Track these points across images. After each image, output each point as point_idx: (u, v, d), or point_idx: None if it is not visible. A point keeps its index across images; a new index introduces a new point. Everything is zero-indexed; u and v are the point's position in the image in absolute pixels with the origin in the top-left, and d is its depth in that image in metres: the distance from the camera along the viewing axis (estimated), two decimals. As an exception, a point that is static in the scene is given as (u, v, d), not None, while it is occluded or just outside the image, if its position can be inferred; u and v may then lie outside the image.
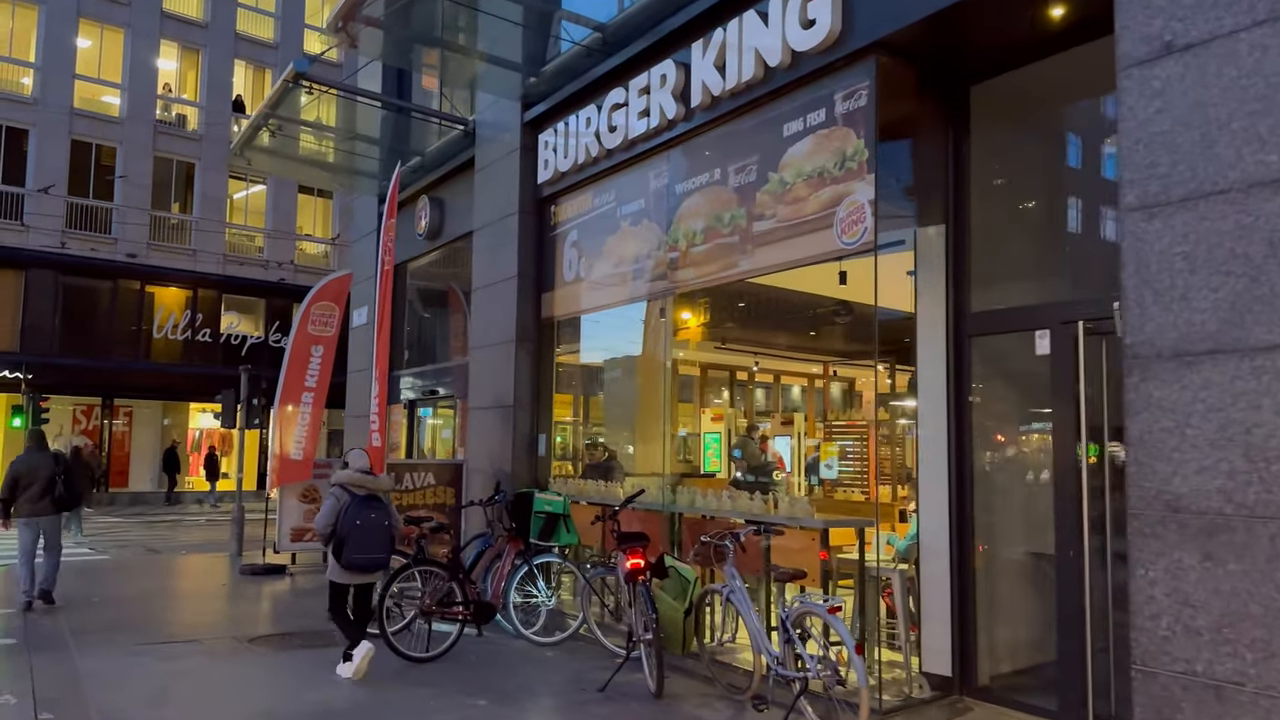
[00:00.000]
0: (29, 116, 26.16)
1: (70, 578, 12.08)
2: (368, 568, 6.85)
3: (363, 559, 6.77)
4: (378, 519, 6.82)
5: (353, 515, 6.75)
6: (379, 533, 6.80)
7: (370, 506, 6.83)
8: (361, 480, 6.94)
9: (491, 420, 10.06)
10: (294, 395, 13.14)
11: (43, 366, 25.16)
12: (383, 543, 6.84)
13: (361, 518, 6.77)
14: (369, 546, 6.77)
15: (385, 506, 6.97)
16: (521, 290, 9.80)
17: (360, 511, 6.78)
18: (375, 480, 7.05)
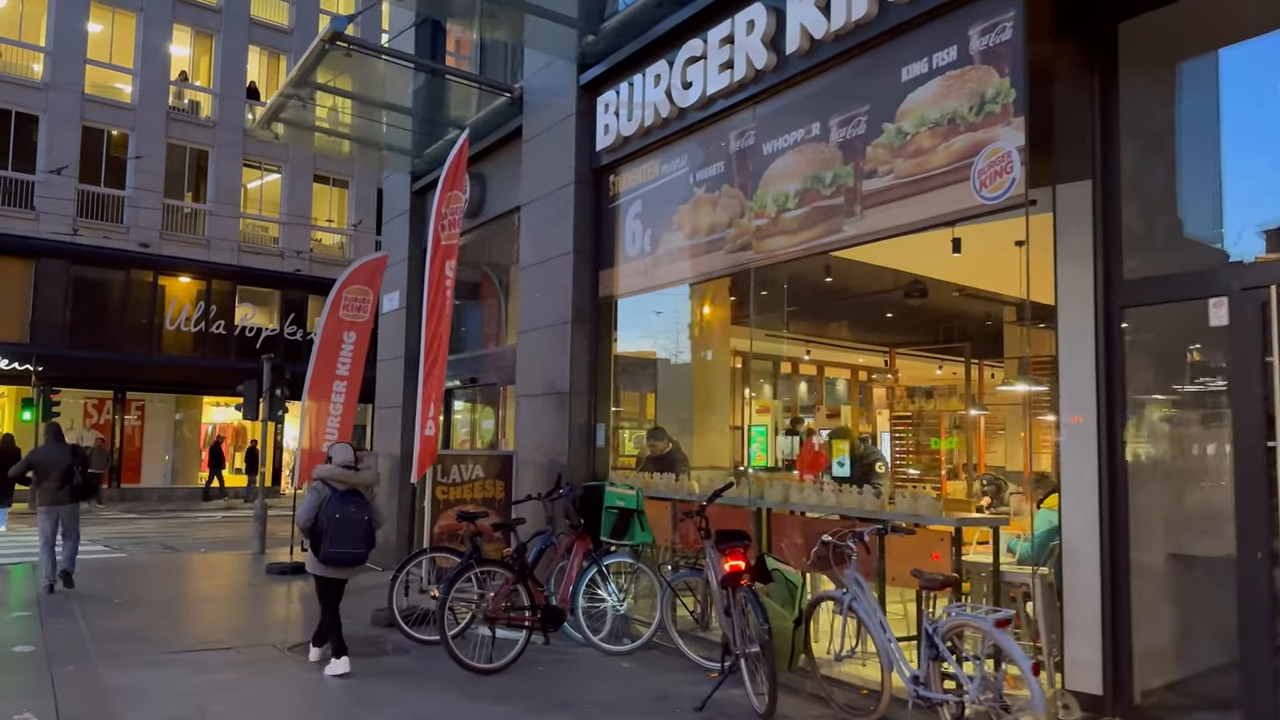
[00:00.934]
0: (39, 102, 25.45)
1: (88, 577, 11.34)
2: (345, 562, 6.78)
3: (340, 553, 6.69)
4: (356, 514, 6.73)
5: (331, 510, 6.67)
6: (357, 527, 6.71)
7: (349, 501, 6.73)
8: (342, 475, 6.81)
9: (543, 409, 9.29)
10: (324, 385, 12.40)
11: (53, 359, 24.45)
12: (360, 537, 6.75)
13: (340, 512, 6.68)
14: (346, 541, 6.68)
15: (365, 502, 6.88)
16: (578, 267, 9.03)
17: (339, 506, 6.69)
18: (356, 475, 6.87)
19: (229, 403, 30.11)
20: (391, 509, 12.93)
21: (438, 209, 8.69)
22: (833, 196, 6.36)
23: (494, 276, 12.76)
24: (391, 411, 13.28)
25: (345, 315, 12.53)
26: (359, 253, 31.03)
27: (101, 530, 18.09)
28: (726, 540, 5.76)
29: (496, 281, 12.73)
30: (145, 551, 15.04)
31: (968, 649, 4.65)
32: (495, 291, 12.83)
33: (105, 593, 10.20)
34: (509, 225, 10.78)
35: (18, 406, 24.43)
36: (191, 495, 27.57)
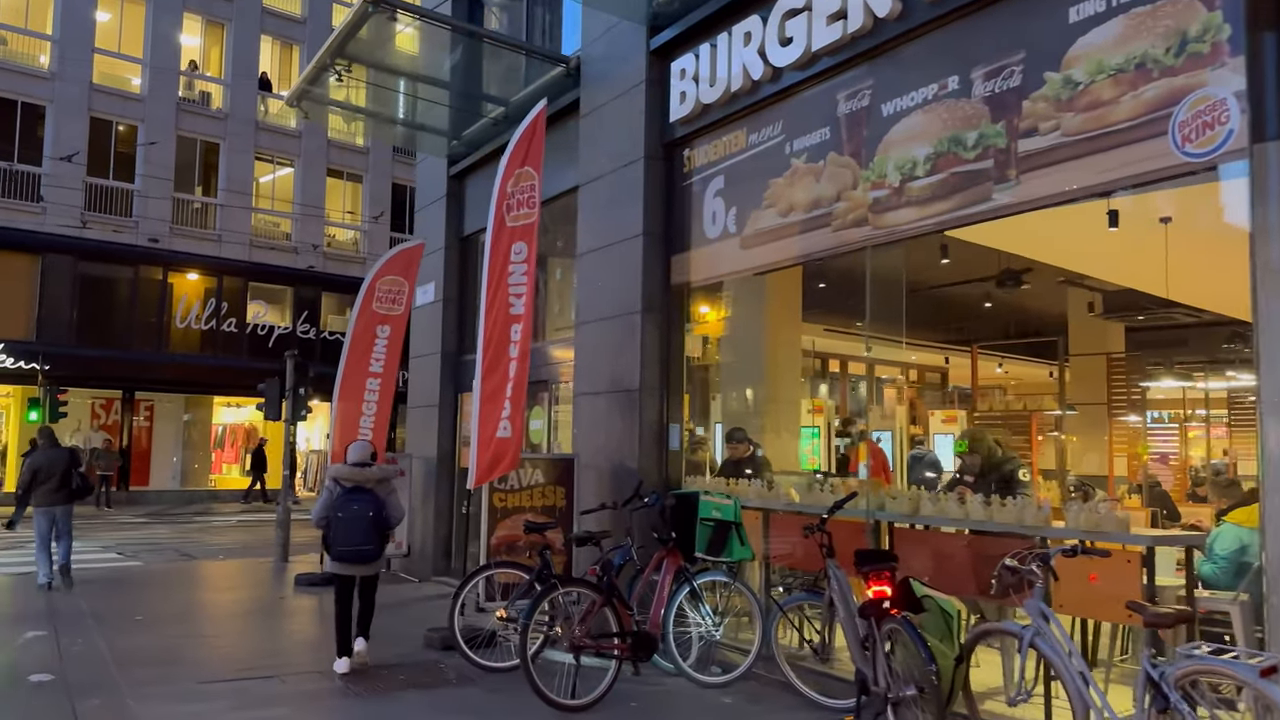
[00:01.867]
0: (46, 92, 24.63)
1: (105, 589, 10.50)
2: (352, 559, 6.82)
3: (345, 550, 6.76)
4: (360, 510, 6.76)
5: (337, 507, 6.76)
6: (361, 524, 6.75)
7: (355, 498, 6.79)
8: (349, 473, 6.90)
9: (607, 408, 8.44)
10: (357, 384, 11.55)
11: (60, 357, 23.63)
12: (366, 533, 6.77)
13: (344, 509, 6.75)
14: (351, 538, 6.74)
15: (373, 498, 6.88)
16: (648, 251, 8.17)
17: (345, 504, 6.76)
18: (361, 472, 6.93)
19: (240, 403, 29.30)
20: (426, 515, 12.10)
21: (501, 187, 7.83)
22: (977, 160, 5.50)
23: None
24: (426, 411, 12.44)
25: (379, 308, 11.68)
26: (374, 249, 30.21)
27: (113, 536, 17.25)
28: (868, 561, 4.90)
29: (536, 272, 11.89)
30: (161, 559, 14.19)
31: (1205, 698, 3.78)
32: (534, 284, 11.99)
33: (125, 608, 9.36)
34: (560, 211, 9.92)
35: (24, 407, 23.61)
36: (198, 498, 26.74)
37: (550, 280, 11.53)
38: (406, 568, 12.22)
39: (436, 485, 12.02)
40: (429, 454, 12.22)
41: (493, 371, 7.80)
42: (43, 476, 10.42)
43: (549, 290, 11.89)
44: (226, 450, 29.73)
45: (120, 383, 25.80)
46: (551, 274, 11.45)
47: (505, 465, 7.72)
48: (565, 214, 9.72)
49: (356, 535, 6.76)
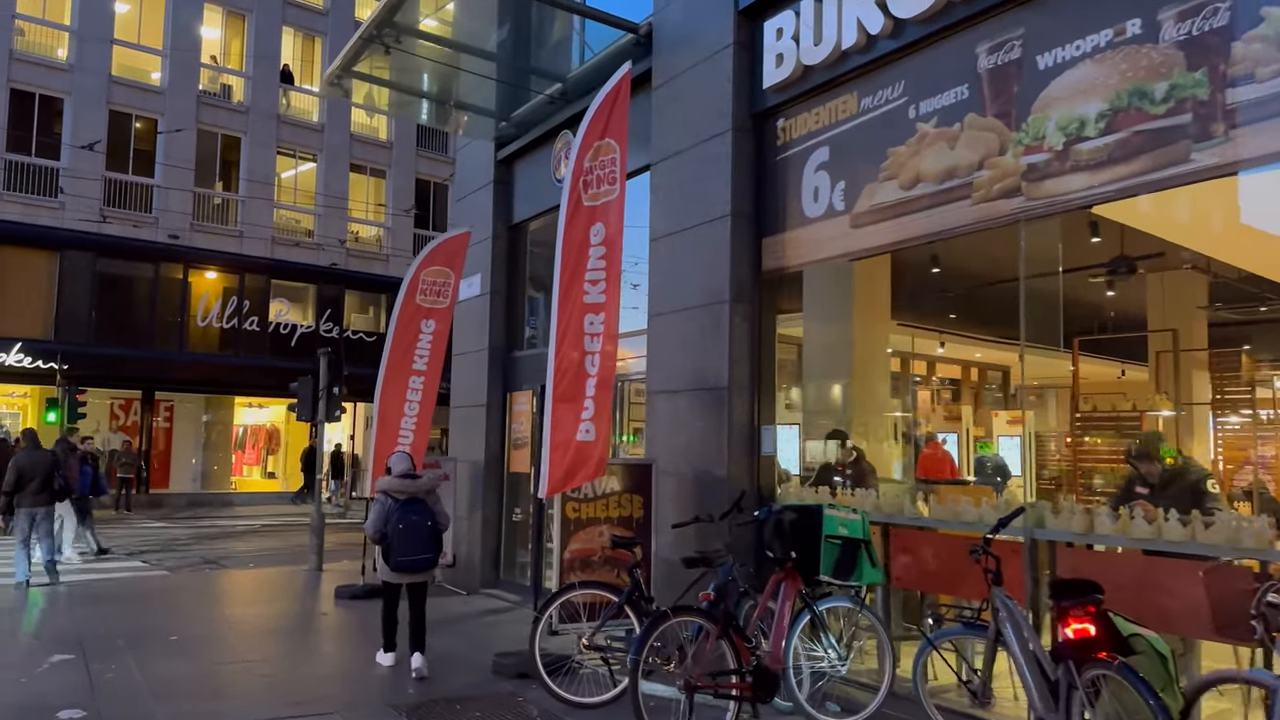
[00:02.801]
0: (64, 84, 23.98)
1: (132, 605, 9.74)
2: (414, 568, 7.02)
3: (408, 560, 6.95)
4: (419, 521, 6.99)
5: (396, 519, 6.92)
6: (422, 533, 6.96)
7: (412, 509, 7.00)
8: (402, 485, 7.08)
9: (688, 408, 7.62)
10: (399, 381, 10.77)
11: (78, 356, 22.99)
12: (426, 543, 7.00)
13: (405, 521, 6.92)
14: (413, 548, 6.94)
15: (427, 507, 7.11)
16: (737, 234, 7.35)
17: (403, 515, 6.94)
18: (414, 483, 7.15)
19: (262, 403, 28.65)
20: (473, 524, 11.32)
21: (577, 163, 7.02)
22: (1169, 116, 4.66)
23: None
24: (471, 411, 11.64)
25: (423, 301, 10.88)
26: (398, 245, 29.50)
27: (134, 540, 16.53)
28: (1068, 593, 4.07)
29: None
30: (188, 568, 13.45)
31: None
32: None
33: (156, 626, 8.59)
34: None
35: (41, 407, 22.95)
36: (219, 501, 26.05)
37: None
38: (452, 579, 11.43)
39: (484, 491, 11.23)
40: (475, 457, 11.43)
41: (567, 368, 6.99)
42: (26, 478, 10.75)
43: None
44: (248, 451, 29.08)
45: (140, 383, 25.15)
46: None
47: (587, 473, 6.91)
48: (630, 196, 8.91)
49: (418, 545, 6.95)
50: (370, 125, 30.10)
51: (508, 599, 10.48)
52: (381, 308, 29.68)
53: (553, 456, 6.93)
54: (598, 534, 7.40)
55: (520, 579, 10.96)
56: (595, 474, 6.97)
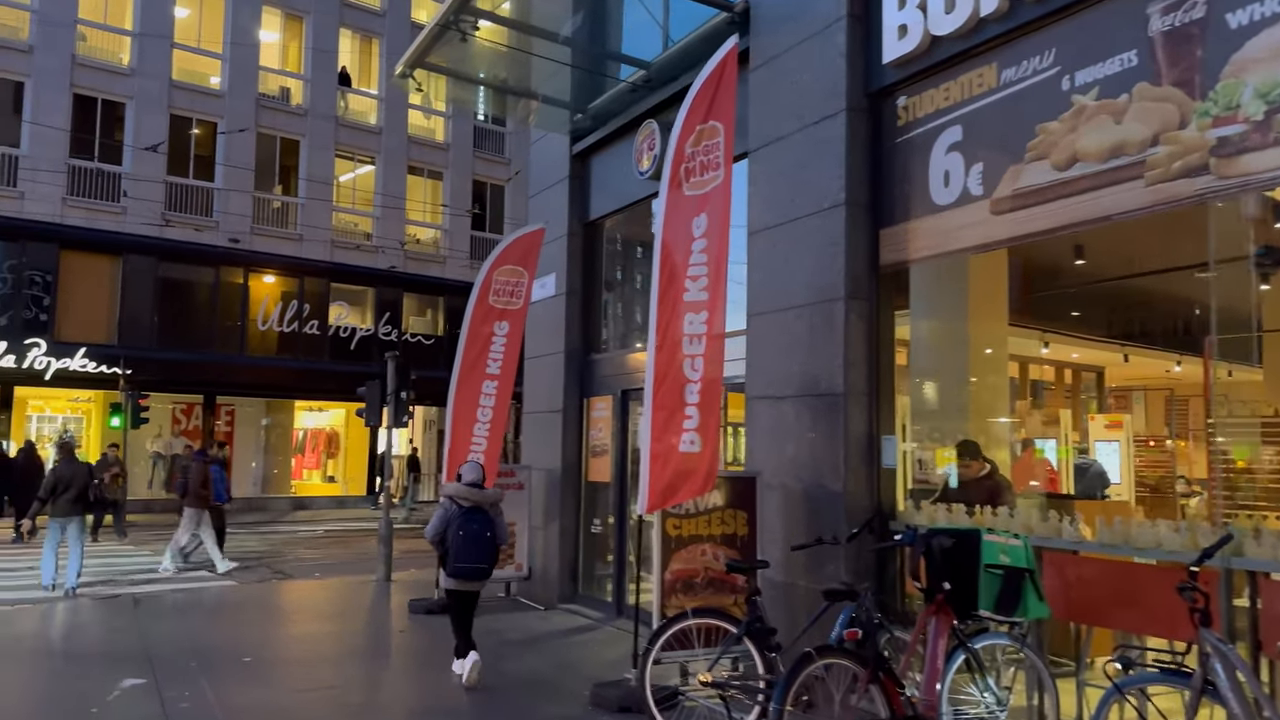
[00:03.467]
0: (126, 88, 24.00)
1: (202, 619, 9.35)
2: (471, 576, 7.06)
3: (466, 568, 7.00)
4: (479, 530, 7.02)
5: (457, 527, 6.99)
6: (481, 543, 7.00)
7: (474, 519, 7.04)
8: (467, 493, 7.14)
9: (796, 416, 7.00)
10: (472, 386, 10.28)
11: (141, 361, 22.95)
12: (485, 553, 7.04)
13: (465, 529, 6.99)
14: (471, 556, 6.99)
15: (490, 519, 7.15)
16: (852, 225, 6.71)
17: (464, 523, 7.00)
18: (480, 493, 7.19)
19: (321, 406, 28.52)
20: (550, 535, 10.79)
21: (677, 149, 6.45)
22: None
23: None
24: (546, 418, 11.12)
25: (495, 301, 10.39)
26: (455, 248, 29.20)
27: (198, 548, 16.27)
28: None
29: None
30: (254, 577, 13.11)
31: None
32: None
33: (228, 644, 8.18)
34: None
35: (105, 412, 22.96)
36: (280, 505, 25.92)
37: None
38: (527, 592, 10.91)
39: (561, 501, 10.69)
40: (550, 465, 10.91)
41: (667, 374, 6.41)
42: (62, 487, 11.09)
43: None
44: (307, 455, 28.96)
45: (201, 387, 25.12)
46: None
47: (694, 487, 6.32)
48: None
49: (477, 553, 7.01)
50: (427, 127, 29.87)
51: (589, 615, 9.93)
52: (439, 310, 29.44)
53: (652, 468, 6.37)
54: (700, 553, 6.81)
55: (600, 594, 10.41)
56: (703, 489, 6.38)
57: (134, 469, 23.19)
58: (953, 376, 8.00)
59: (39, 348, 22.10)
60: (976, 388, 8.00)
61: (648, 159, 9.40)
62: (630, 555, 9.91)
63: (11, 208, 22.29)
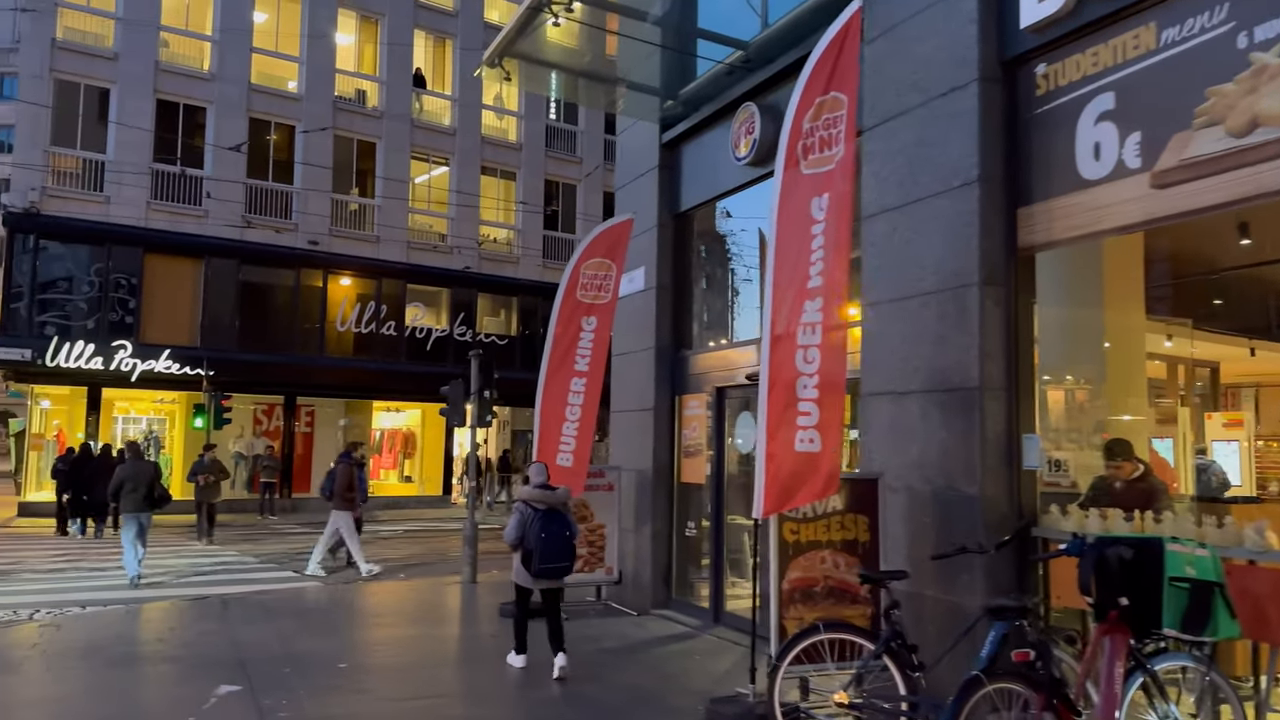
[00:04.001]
0: (207, 93, 24.31)
1: (293, 621, 9.15)
2: (557, 575, 7.34)
3: (550, 567, 7.23)
4: (558, 530, 7.24)
5: (538, 529, 7.18)
6: (562, 543, 7.24)
7: (553, 520, 7.26)
8: (541, 496, 7.35)
9: (920, 413, 6.49)
10: (560, 382, 9.94)
11: (223, 363, 23.19)
12: (566, 552, 7.28)
13: (546, 531, 7.19)
14: (554, 556, 7.22)
15: (566, 518, 7.37)
16: (986, 204, 6.18)
17: (545, 525, 7.21)
18: (553, 495, 7.40)
19: (398, 407, 28.61)
20: (641, 538, 10.40)
21: (794, 125, 5.99)
22: None
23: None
24: (636, 417, 10.73)
25: (583, 296, 10.03)
26: (528, 247, 29.05)
27: (281, 548, 16.28)
28: None
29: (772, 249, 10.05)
30: (341, 579, 12.97)
31: None
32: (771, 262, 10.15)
33: (321, 649, 7.94)
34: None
35: (189, 413, 23.27)
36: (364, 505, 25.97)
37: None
38: (618, 597, 10.53)
39: (653, 503, 10.29)
40: (641, 466, 10.51)
41: (782, 368, 5.95)
42: (129, 486, 11.88)
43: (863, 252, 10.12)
44: (384, 455, 29.07)
45: (281, 388, 25.33)
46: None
47: (814, 490, 5.85)
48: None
49: (558, 554, 7.23)
50: (500, 127, 29.79)
51: (685, 623, 9.50)
52: (513, 310, 29.33)
53: (768, 469, 5.91)
54: (819, 560, 6.34)
55: (695, 600, 9.99)
56: (824, 491, 5.91)
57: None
58: (1087, 370, 7.39)
59: (125, 350, 22.45)
60: (1111, 383, 7.39)
61: (746, 144, 8.94)
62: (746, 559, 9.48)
63: (98, 212, 22.70)
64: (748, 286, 10.28)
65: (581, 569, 10.41)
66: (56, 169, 22.49)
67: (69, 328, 22.32)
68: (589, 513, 10.53)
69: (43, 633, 8.59)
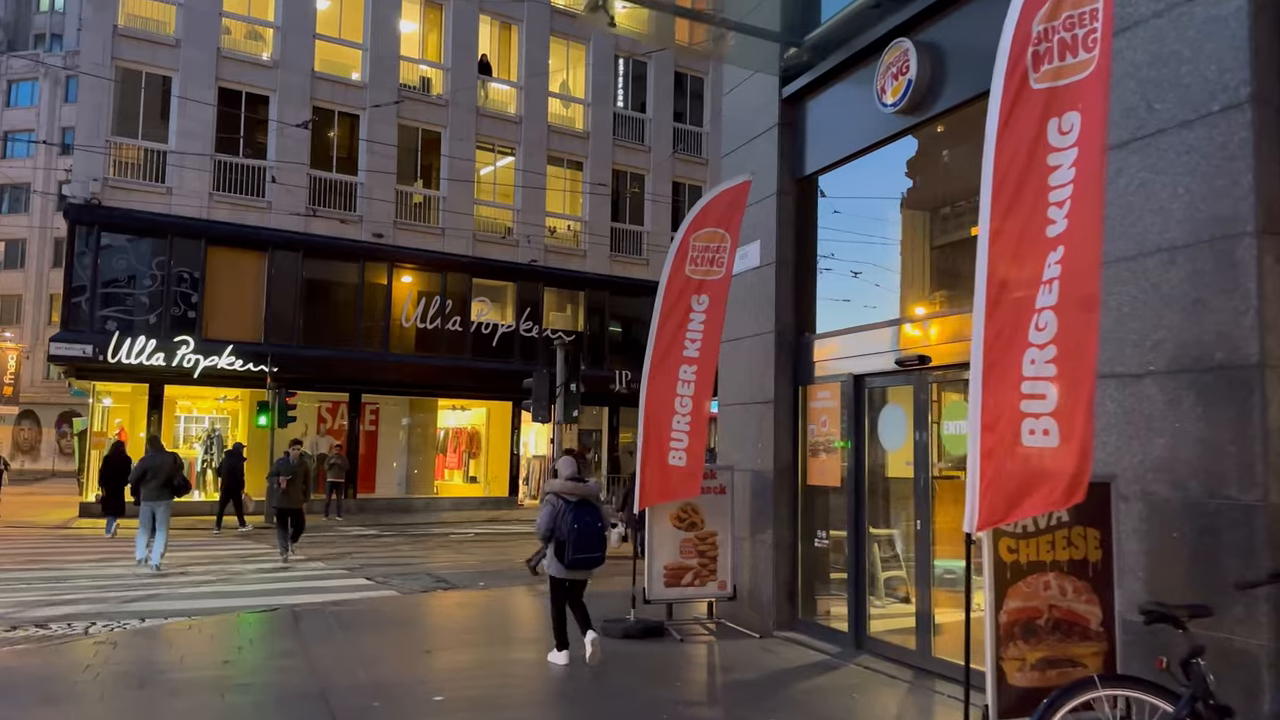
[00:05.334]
0: (270, 81, 23.58)
1: (373, 639, 8.03)
2: (588, 565, 7.36)
3: (583, 558, 7.26)
4: (591, 522, 7.29)
5: (571, 520, 7.22)
6: (594, 535, 7.27)
7: (585, 511, 7.30)
8: (573, 488, 7.40)
9: (1166, 400, 5.16)
10: (667, 371, 8.74)
11: (287, 359, 22.45)
12: (598, 543, 7.31)
13: (579, 522, 7.23)
14: (588, 547, 7.26)
15: (597, 509, 7.42)
16: (1262, 131, 4.83)
17: (578, 517, 7.24)
18: (585, 487, 7.45)
19: (464, 405, 27.68)
20: (760, 548, 9.14)
21: (1019, 26, 4.67)
22: None
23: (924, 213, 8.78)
24: (752, 410, 9.46)
25: (693, 271, 8.80)
26: (594, 241, 27.93)
27: (352, 554, 15.28)
28: None
29: (926, 217, 8.76)
30: (417, 585, 11.92)
31: None
32: (922, 228, 8.87)
33: (410, 676, 6.82)
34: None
35: (252, 411, 22.53)
36: (424, 506, 25.08)
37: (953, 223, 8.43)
38: (733, 615, 9.28)
39: (775, 508, 9.02)
40: (757, 466, 9.25)
41: (1004, 338, 4.64)
42: (150, 476, 12.58)
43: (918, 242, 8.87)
44: (449, 455, 28.17)
45: (346, 385, 24.52)
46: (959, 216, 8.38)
47: (1052, 496, 4.52)
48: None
49: (591, 545, 7.26)
50: (567, 116, 28.75)
51: (819, 648, 8.21)
52: (579, 305, 28.29)
53: (984, 470, 4.61)
54: (1042, 585, 5.01)
55: (826, 621, 8.71)
56: (1066, 499, 4.56)
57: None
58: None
59: (187, 346, 21.79)
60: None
61: (896, 88, 7.63)
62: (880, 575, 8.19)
63: (160, 203, 22.07)
64: (886, 258, 8.96)
65: (692, 582, 9.23)
66: (118, 159, 21.90)
67: (131, 323, 21.71)
68: (699, 518, 9.31)
69: (98, 652, 7.59)
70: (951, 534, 6.88)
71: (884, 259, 9.03)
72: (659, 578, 9.07)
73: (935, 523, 7.33)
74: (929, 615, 7.28)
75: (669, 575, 9.13)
